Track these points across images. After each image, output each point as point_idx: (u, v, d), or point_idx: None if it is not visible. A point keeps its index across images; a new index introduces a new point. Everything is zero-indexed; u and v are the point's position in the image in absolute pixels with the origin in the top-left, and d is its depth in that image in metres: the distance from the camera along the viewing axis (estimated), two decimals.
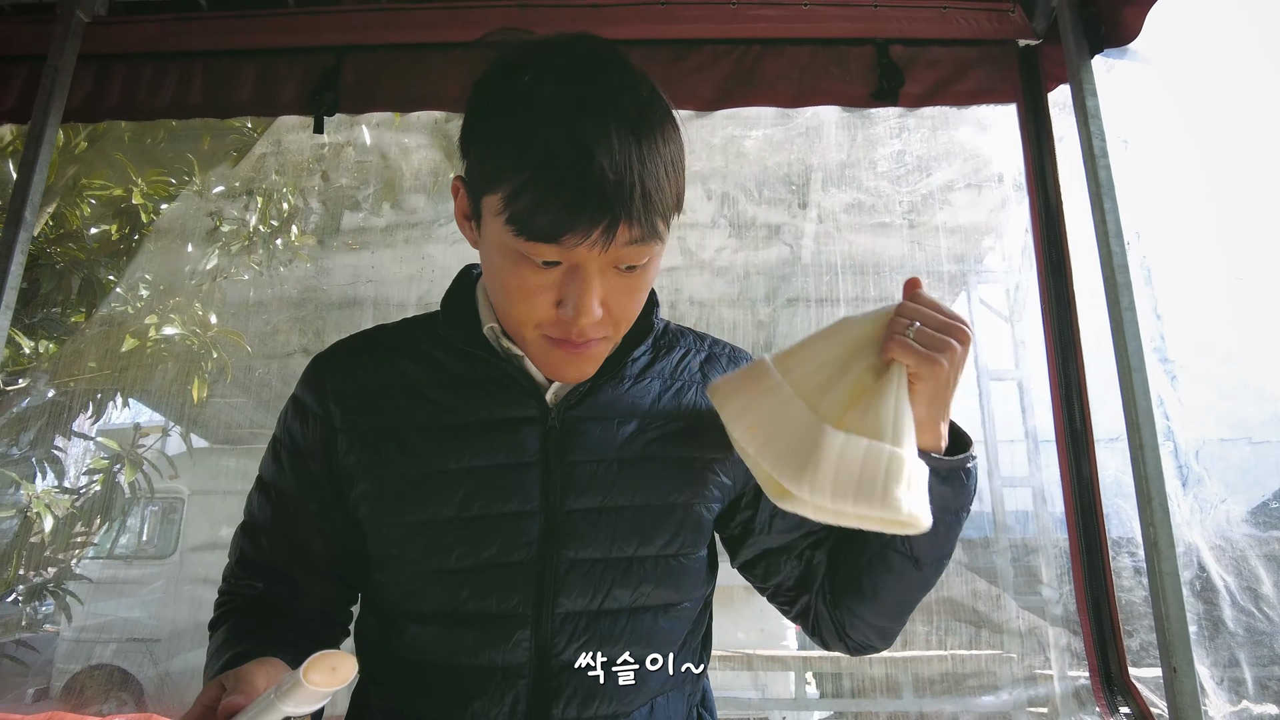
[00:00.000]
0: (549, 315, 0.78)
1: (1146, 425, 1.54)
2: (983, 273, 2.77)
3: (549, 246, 0.73)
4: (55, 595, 3.32)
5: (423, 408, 0.87)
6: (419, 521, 0.84)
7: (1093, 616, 1.67)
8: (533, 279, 0.76)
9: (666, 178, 0.76)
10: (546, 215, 0.72)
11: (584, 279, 0.75)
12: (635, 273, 0.79)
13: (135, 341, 2.87)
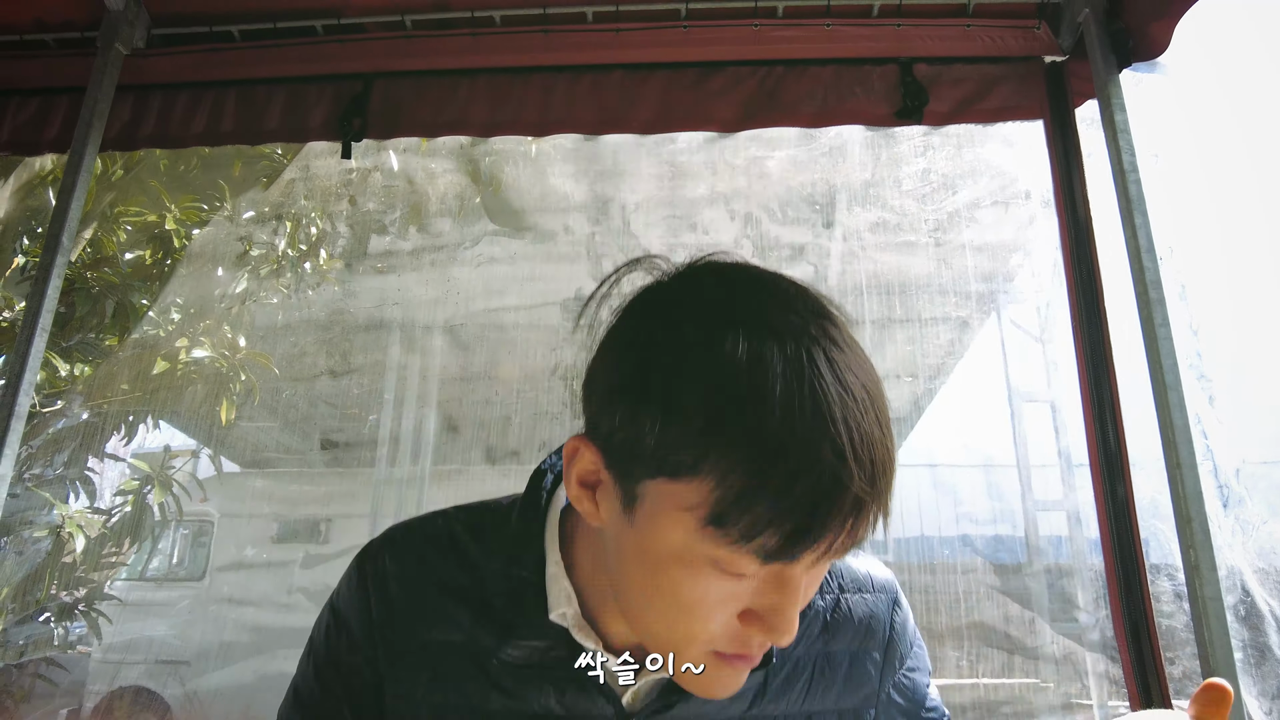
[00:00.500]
0: (728, 628, 0.62)
1: (1184, 444, 1.50)
2: (1013, 292, 2.74)
3: (758, 560, 0.58)
4: (86, 615, 3.36)
5: (481, 684, 0.74)
6: None
7: (1131, 643, 1.62)
8: (722, 589, 0.61)
9: (893, 461, 0.60)
10: (787, 527, 0.56)
11: (794, 589, 0.60)
12: (820, 569, 0.63)
13: (166, 364, 2.91)
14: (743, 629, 0.62)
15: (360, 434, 2.05)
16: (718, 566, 0.60)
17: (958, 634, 2.00)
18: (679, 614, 0.62)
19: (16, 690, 2.94)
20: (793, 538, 0.56)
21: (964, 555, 2.26)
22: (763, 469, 0.55)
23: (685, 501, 0.58)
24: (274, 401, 2.39)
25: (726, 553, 0.58)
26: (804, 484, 0.55)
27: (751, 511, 0.56)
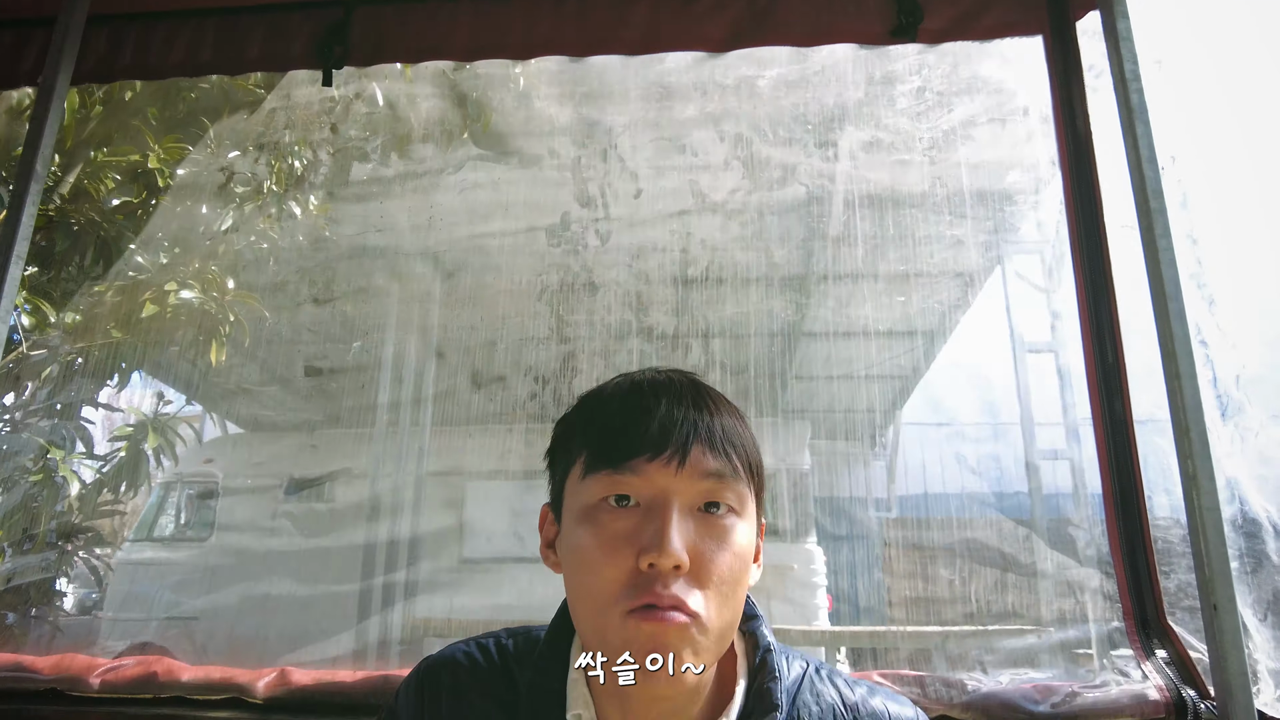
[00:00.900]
0: (630, 574, 0.71)
1: (1184, 355, 1.47)
2: (1018, 243, 2.69)
3: (621, 474, 0.74)
4: (87, 563, 3.38)
5: None
6: None
7: (1127, 559, 1.60)
8: (611, 526, 0.73)
9: (738, 428, 0.79)
10: (621, 437, 0.75)
11: (664, 511, 0.72)
12: (721, 522, 0.75)
13: (155, 308, 2.88)
14: (641, 570, 0.71)
15: (344, 360, 2.02)
16: (603, 505, 0.75)
17: (950, 551, 1.99)
18: (593, 574, 0.73)
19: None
20: (630, 440, 0.74)
21: (959, 473, 2.24)
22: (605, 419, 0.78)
23: (576, 480, 0.78)
24: (258, 331, 2.37)
25: (598, 485, 0.75)
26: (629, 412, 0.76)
27: (597, 440, 0.76)
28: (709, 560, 0.73)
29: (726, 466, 0.75)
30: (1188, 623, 1.57)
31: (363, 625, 1.85)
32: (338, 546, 2.10)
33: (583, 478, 0.77)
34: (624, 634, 0.71)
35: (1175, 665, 1.55)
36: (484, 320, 1.84)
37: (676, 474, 0.73)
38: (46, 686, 1.73)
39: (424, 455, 1.91)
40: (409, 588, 1.85)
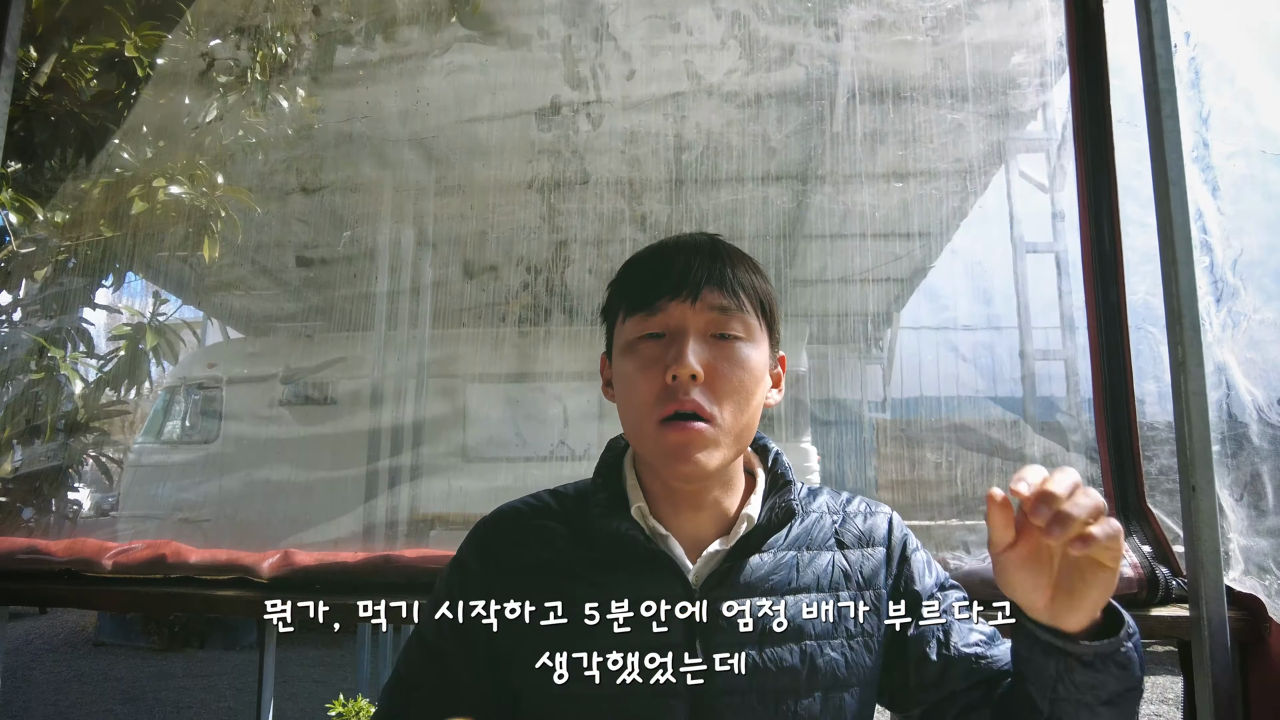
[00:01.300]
0: (660, 388, 0.88)
1: (1182, 240, 1.45)
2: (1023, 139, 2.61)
3: (653, 315, 0.90)
4: (96, 461, 3.47)
5: (575, 585, 0.92)
6: (570, 694, 0.88)
7: (1112, 443, 1.63)
8: (645, 354, 0.90)
9: (749, 275, 0.93)
10: (645, 286, 0.92)
11: (682, 335, 0.88)
12: (731, 345, 0.90)
13: (144, 204, 2.84)
14: (667, 384, 0.88)
15: (335, 251, 2.00)
16: (639, 340, 0.91)
17: (937, 435, 2.03)
18: (634, 392, 0.91)
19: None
20: (650, 287, 0.92)
21: (955, 375, 2.25)
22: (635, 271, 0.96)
23: (619, 325, 0.95)
24: (248, 222, 2.34)
25: (634, 326, 0.92)
26: (652, 264, 0.94)
27: (629, 292, 0.94)
28: (721, 373, 0.89)
29: (733, 302, 0.90)
30: (1166, 505, 1.61)
31: (362, 511, 1.90)
32: (335, 434, 2.13)
33: (623, 322, 0.94)
34: (656, 439, 0.89)
35: (1151, 545, 1.60)
36: (474, 209, 1.81)
37: (692, 308, 0.89)
38: (61, 568, 1.80)
39: (418, 346, 1.91)
40: (410, 473, 1.89)
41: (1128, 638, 0.79)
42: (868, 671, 0.92)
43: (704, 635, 0.88)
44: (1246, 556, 1.44)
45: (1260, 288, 1.36)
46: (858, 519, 0.99)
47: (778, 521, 0.94)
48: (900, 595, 0.96)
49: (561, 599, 0.91)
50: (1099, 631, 0.80)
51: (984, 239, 2.68)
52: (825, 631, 0.91)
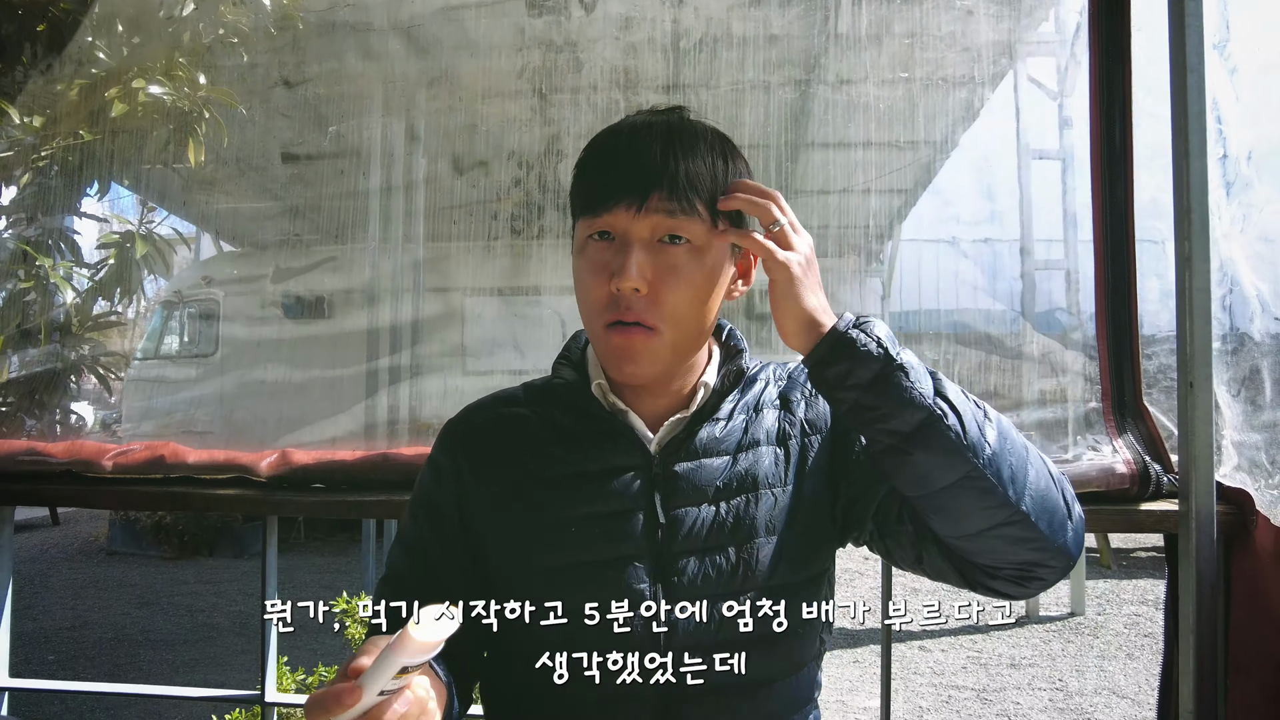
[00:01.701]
0: (607, 295, 0.88)
1: (1196, 131, 1.40)
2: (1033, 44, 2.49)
3: (599, 217, 0.88)
4: (93, 370, 3.47)
5: (541, 461, 0.96)
6: (542, 566, 0.92)
7: (1112, 341, 1.62)
8: (595, 257, 0.89)
9: (705, 170, 0.89)
10: (592, 188, 0.90)
11: (628, 245, 0.87)
12: (678, 250, 0.88)
13: (124, 106, 2.74)
14: (612, 293, 0.88)
15: (321, 146, 1.94)
16: (589, 242, 0.90)
17: (936, 335, 2.02)
18: (585, 294, 0.91)
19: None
20: (599, 189, 0.89)
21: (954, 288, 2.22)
22: (585, 166, 0.93)
23: (576, 222, 0.94)
24: (231, 118, 2.26)
25: (584, 226, 0.91)
26: (601, 159, 0.92)
27: (580, 192, 0.92)
28: (665, 284, 0.88)
29: (682, 204, 0.87)
30: (1162, 402, 1.61)
31: (360, 410, 1.91)
32: (329, 334, 2.11)
33: (576, 221, 0.94)
34: (604, 341, 0.91)
35: (1145, 442, 1.61)
36: (462, 101, 1.74)
37: (637, 215, 0.87)
38: (62, 469, 1.81)
39: (409, 243, 1.88)
40: (408, 372, 1.88)
41: (844, 328, 0.82)
42: (824, 512, 0.96)
43: (664, 494, 0.92)
44: (1239, 451, 1.44)
45: (1276, 179, 1.32)
46: (800, 375, 1.02)
47: (730, 384, 0.98)
48: (841, 434, 0.98)
49: (530, 478, 0.95)
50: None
51: (990, 145, 2.61)
52: (777, 479, 0.94)
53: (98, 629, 5.57)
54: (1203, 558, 1.40)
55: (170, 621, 5.73)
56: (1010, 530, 0.82)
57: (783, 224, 0.86)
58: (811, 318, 0.84)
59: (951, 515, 0.84)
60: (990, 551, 0.85)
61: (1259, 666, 1.46)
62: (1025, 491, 0.82)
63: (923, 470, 0.81)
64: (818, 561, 0.96)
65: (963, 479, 0.80)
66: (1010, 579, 0.87)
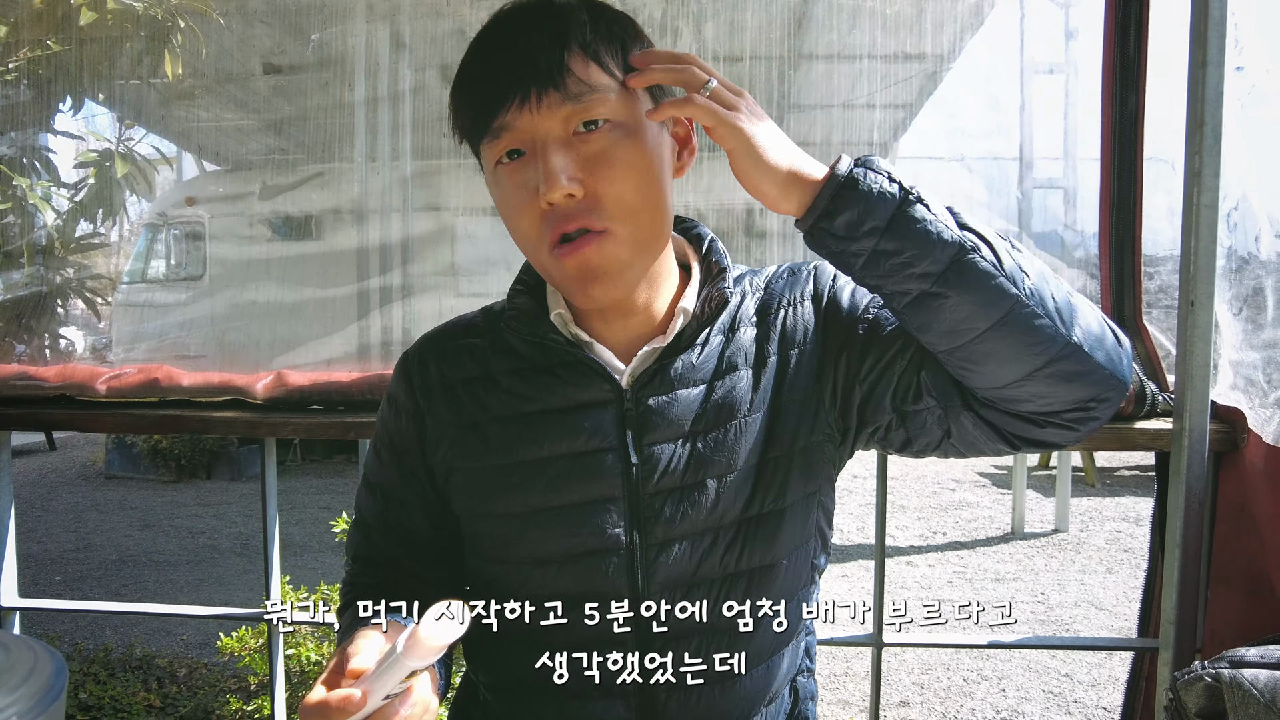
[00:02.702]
0: (539, 215, 0.78)
1: (1215, 37, 1.35)
2: None
3: (497, 135, 0.77)
4: (80, 294, 3.43)
5: (500, 398, 0.88)
6: (508, 512, 0.86)
7: (1114, 258, 1.60)
8: (511, 181, 0.78)
9: (591, 25, 0.78)
10: (478, 99, 0.78)
11: (542, 150, 0.76)
12: (599, 135, 0.77)
13: (93, 14, 2.61)
14: (544, 210, 0.77)
15: (303, 56, 1.86)
16: (500, 167, 0.79)
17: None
18: (516, 224, 0.80)
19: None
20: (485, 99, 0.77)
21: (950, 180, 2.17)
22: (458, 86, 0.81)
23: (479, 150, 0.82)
24: (207, 28, 2.15)
25: (489, 152, 0.79)
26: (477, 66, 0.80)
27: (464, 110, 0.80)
28: (602, 176, 0.77)
29: (584, 82, 0.76)
30: (1162, 321, 1.61)
31: (353, 330, 1.88)
32: (319, 253, 2.07)
33: (476, 148, 0.82)
34: (557, 271, 0.80)
35: (1142, 361, 1.61)
36: (450, 5, 1.65)
37: (536, 113, 0.76)
38: (56, 393, 1.80)
39: (397, 158, 1.82)
40: (399, 291, 1.86)
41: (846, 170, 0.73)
42: (813, 425, 0.88)
43: (637, 430, 0.85)
44: (1235, 370, 1.45)
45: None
46: (777, 284, 0.92)
47: (712, 312, 0.87)
48: (836, 332, 0.89)
49: (490, 417, 0.88)
50: None
51: (993, 57, 2.53)
52: (758, 404, 0.86)
53: (101, 550, 5.66)
54: (1193, 474, 1.42)
55: (172, 543, 5.83)
56: (1064, 365, 0.73)
57: (714, 83, 0.75)
58: (792, 171, 0.74)
59: (998, 360, 0.73)
60: (1043, 395, 0.75)
61: (1240, 578, 1.50)
62: (1074, 320, 0.73)
63: (962, 313, 0.72)
64: (807, 482, 0.88)
65: (1007, 315, 0.71)
66: (1065, 423, 0.77)
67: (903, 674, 3.62)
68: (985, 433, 0.81)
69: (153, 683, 3.18)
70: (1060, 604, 4.43)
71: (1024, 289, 0.71)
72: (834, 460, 0.92)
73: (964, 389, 0.80)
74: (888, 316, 0.86)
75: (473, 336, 0.93)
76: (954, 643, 1.76)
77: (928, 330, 0.75)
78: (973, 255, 0.71)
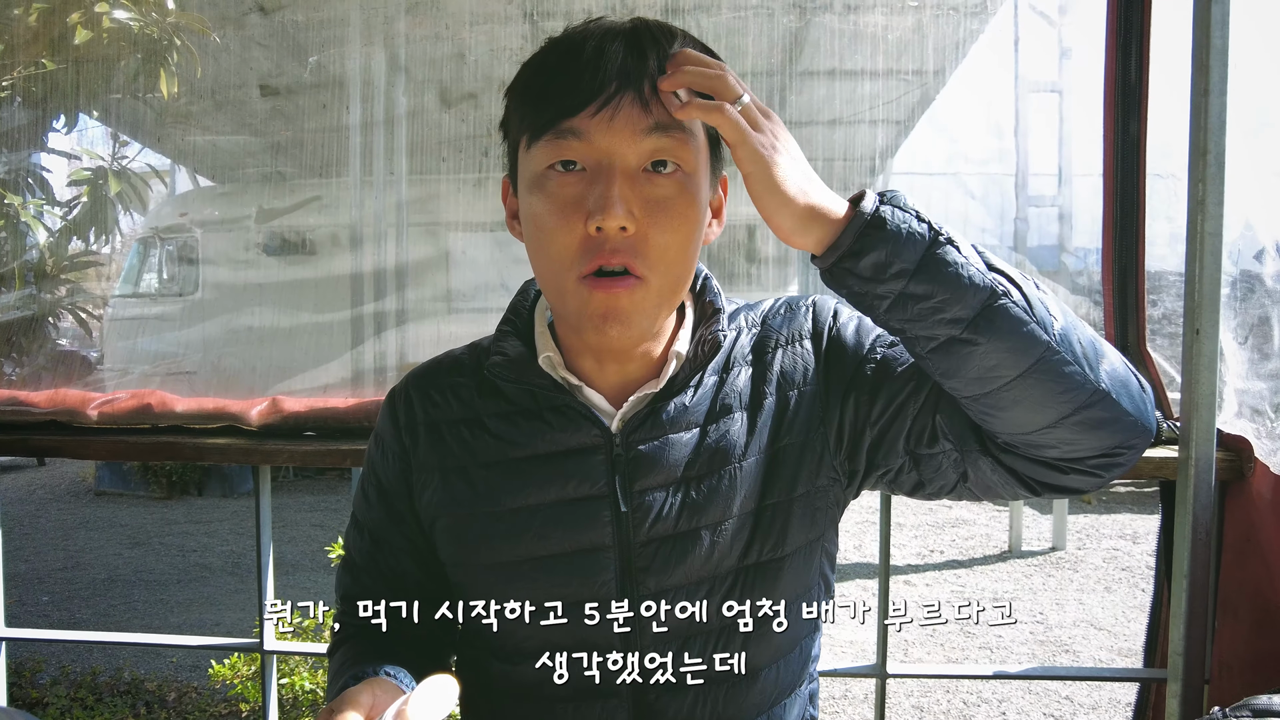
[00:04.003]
0: (581, 239, 0.74)
1: (1218, 66, 1.34)
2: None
3: (563, 137, 0.73)
4: (73, 313, 3.40)
5: (487, 442, 0.86)
6: (495, 562, 0.84)
7: (1117, 284, 1.59)
8: (560, 193, 0.74)
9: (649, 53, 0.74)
10: (554, 92, 0.73)
11: (609, 173, 0.72)
12: (668, 180, 0.74)
13: (89, 32, 2.59)
14: (590, 235, 0.73)
15: (301, 78, 1.85)
16: (551, 173, 0.75)
17: None
18: (548, 241, 0.75)
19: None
20: (561, 94, 0.73)
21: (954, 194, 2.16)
22: (531, 77, 0.78)
23: (524, 149, 0.77)
24: (204, 47, 2.14)
25: (543, 153, 0.74)
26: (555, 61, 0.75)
27: (531, 105, 0.76)
28: (656, 222, 0.74)
29: (669, 117, 0.72)
30: (1166, 349, 1.60)
31: (349, 356, 1.86)
32: (314, 278, 2.05)
33: (529, 146, 0.77)
34: (579, 298, 0.76)
35: None
36: (449, 29, 1.65)
37: (616, 132, 0.72)
38: (46, 419, 1.77)
39: (394, 180, 1.80)
40: (395, 317, 1.84)
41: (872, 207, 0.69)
42: (815, 469, 0.85)
43: (626, 477, 0.82)
44: (1240, 400, 1.43)
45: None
46: (774, 320, 0.89)
47: (705, 355, 0.84)
48: (840, 373, 0.85)
49: (475, 462, 0.85)
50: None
51: (985, 82, 2.53)
52: (753, 449, 0.83)
53: (90, 569, 5.59)
54: (1200, 504, 1.41)
55: (163, 562, 5.76)
56: (1091, 413, 0.70)
57: (746, 100, 0.70)
58: (812, 205, 0.69)
59: (1025, 408, 0.70)
60: (1068, 442, 0.72)
61: (1247, 608, 1.48)
62: (1100, 366, 0.70)
63: (992, 360, 0.68)
64: (809, 529, 0.85)
65: (1037, 362, 0.68)
66: (1089, 470, 0.75)
67: (902, 696, 3.58)
68: (1004, 478, 0.78)
69: (141, 708, 3.12)
70: (1059, 624, 4.41)
71: (1054, 335, 0.69)
72: (839, 503, 0.89)
73: (983, 434, 0.77)
74: (897, 356, 0.84)
75: (459, 375, 0.90)
76: (959, 674, 1.73)
77: (953, 376, 0.72)
78: (1004, 301, 0.68)
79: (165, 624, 4.53)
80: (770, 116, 0.72)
